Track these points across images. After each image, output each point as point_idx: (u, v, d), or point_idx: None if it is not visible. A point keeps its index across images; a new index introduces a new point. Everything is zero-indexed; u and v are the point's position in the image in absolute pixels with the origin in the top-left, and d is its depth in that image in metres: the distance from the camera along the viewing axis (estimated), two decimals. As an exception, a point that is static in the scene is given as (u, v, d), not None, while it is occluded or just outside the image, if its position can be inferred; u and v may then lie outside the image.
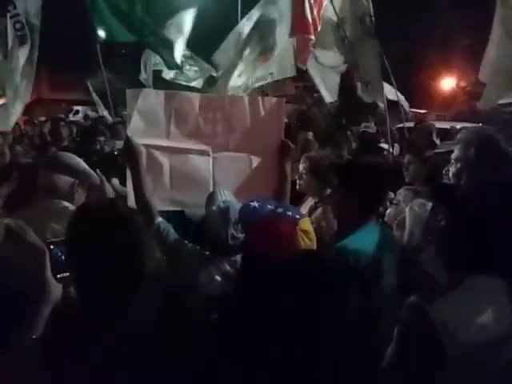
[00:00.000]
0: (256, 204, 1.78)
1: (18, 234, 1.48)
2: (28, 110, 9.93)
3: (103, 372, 1.30)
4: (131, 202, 2.45)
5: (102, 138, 4.35)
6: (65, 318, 1.51)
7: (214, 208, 2.27)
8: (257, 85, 6.69)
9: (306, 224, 1.71)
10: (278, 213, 1.73)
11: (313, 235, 1.71)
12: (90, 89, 9.53)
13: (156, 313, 1.48)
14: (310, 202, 3.57)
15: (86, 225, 1.49)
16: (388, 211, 2.96)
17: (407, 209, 2.62)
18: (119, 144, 4.14)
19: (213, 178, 2.70)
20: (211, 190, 2.59)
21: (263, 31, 5.94)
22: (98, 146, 4.18)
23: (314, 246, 1.70)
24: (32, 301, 1.80)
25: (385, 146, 5.76)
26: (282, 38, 5.88)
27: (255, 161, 2.79)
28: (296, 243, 1.63)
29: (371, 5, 5.44)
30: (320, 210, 3.29)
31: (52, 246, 1.84)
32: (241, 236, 2.17)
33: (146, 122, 2.59)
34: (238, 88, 6.22)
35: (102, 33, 6.92)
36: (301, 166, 3.53)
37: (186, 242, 2.34)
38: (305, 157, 3.58)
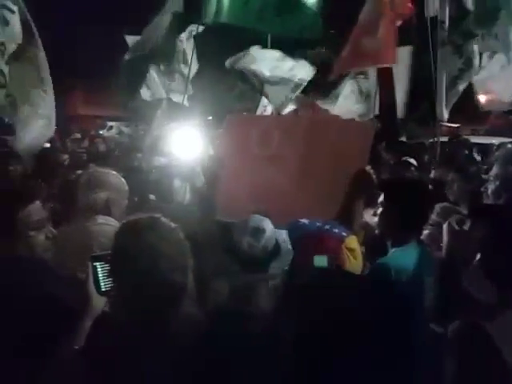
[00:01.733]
0: (305, 221, 1.81)
1: None
2: (63, 125, 10.26)
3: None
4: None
5: (139, 155, 4.44)
6: (104, 331, 1.54)
7: (236, 221, 2.37)
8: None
9: (353, 242, 1.71)
10: (325, 229, 1.74)
11: (359, 254, 1.71)
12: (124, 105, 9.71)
13: (195, 327, 1.50)
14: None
15: (131, 240, 1.52)
16: (425, 232, 2.91)
17: (445, 225, 2.57)
18: (156, 160, 4.22)
19: (289, 197, 2.72)
20: (284, 209, 2.62)
21: None
22: (136, 163, 4.27)
23: (360, 265, 1.70)
24: (76, 313, 1.86)
25: (413, 161, 5.67)
26: None
27: (332, 185, 2.71)
28: (340, 260, 1.63)
29: None
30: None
31: (94, 261, 1.90)
32: (258, 245, 2.20)
33: (234, 143, 2.83)
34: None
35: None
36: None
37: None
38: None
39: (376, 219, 2.49)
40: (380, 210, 2.43)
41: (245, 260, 2.20)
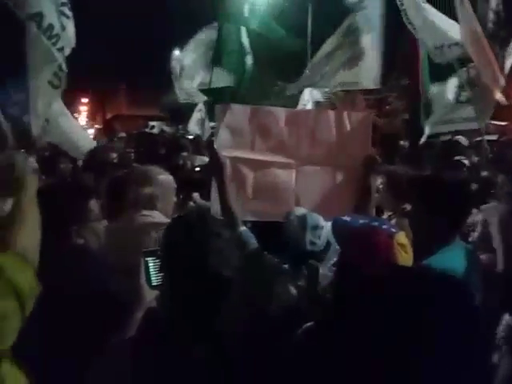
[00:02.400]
0: (347, 218, 1.80)
1: None
2: (107, 125, 10.60)
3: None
4: (214, 211, 2.53)
5: (185, 154, 4.53)
6: (153, 323, 1.58)
7: (292, 217, 2.32)
8: (339, 89, 6.71)
9: (403, 238, 1.69)
10: (374, 225, 1.73)
11: (410, 249, 1.69)
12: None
13: (241, 323, 1.51)
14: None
15: (180, 235, 1.55)
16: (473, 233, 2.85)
17: (492, 223, 2.52)
18: (199, 159, 4.28)
19: (295, 190, 2.71)
20: (292, 202, 2.64)
21: (351, 39, 6.01)
22: (181, 161, 4.35)
23: (411, 260, 1.68)
24: (128, 306, 1.92)
25: (465, 161, 5.52)
26: (369, 48, 5.90)
27: (339, 175, 2.77)
28: (393, 256, 1.61)
29: None
30: (393, 222, 3.23)
31: (146, 256, 1.96)
32: (319, 242, 2.19)
33: (232, 136, 2.70)
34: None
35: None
36: (378, 181, 3.49)
37: (265, 252, 2.38)
38: (382, 171, 3.53)
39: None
40: (415, 210, 2.39)
41: (301, 259, 2.19)
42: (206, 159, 4.09)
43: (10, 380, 1.31)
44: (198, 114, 8.80)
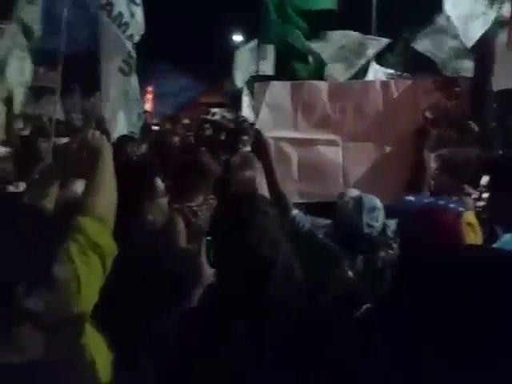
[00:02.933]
0: (411, 198, 1.74)
1: None
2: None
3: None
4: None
5: (245, 138, 4.56)
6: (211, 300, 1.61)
7: (346, 198, 2.25)
8: None
9: (471, 216, 1.62)
10: (440, 204, 1.66)
11: (478, 228, 1.62)
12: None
13: (286, 303, 1.48)
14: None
15: (226, 213, 1.54)
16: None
17: None
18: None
19: (343, 168, 2.59)
20: (341, 181, 2.53)
21: None
22: (241, 145, 4.39)
23: (480, 240, 1.61)
24: (189, 282, 1.98)
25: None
26: None
27: (389, 150, 2.59)
28: (462, 235, 1.55)
29: None
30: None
31: (207, 235, 2.01)
32: (376, 225, 2.12)
33: (273, 115, 2.58)
34: None
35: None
36: (433, 165, 3.31)
37: (321, 236, 2.31)
38: (436, 155, 3.35)
39: (480, 203, 2.34)
40: (487, 194, 2.26)
41: (358, 241, 2.14)
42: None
43: (93, 343, 1.38)
44: (246, 98, 8.92)
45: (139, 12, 4.93)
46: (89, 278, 1.35)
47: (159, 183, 2.16)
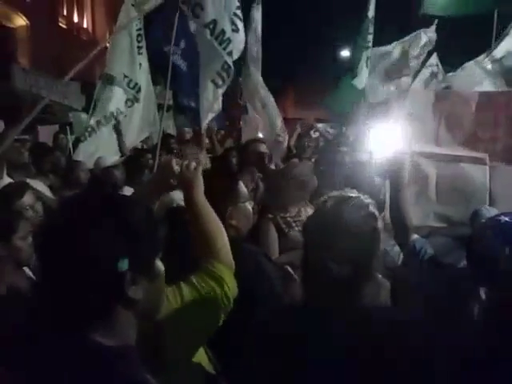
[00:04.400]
0: (506, 218, 1.45)
1: None
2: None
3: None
4: (387, 217, 2.13)
5: (344, 149, 4.48)
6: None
7: (486, 222, 1.94)
8: None
9: None
10: None
11: None
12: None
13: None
14: None
15: (322, 213, 1.52)
16: None
17: None
18: (357, 156, 4.21)
19: (489, 191, 2.28)
20: (487, 205, 2.20)
21: None
22: (339, 157, 4.31)
23: None
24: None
25: None
26: None
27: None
28: None
29: None
30: None
31: None
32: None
33: (412, 126, 2.36)
34: None
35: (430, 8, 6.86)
36: None
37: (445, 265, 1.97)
38: None
39: None
40: None
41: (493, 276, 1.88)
42: (364, 156, 3.96)
43: None
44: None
45: (241, 26, 5.10)
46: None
47: (243, 188, 2.18)
